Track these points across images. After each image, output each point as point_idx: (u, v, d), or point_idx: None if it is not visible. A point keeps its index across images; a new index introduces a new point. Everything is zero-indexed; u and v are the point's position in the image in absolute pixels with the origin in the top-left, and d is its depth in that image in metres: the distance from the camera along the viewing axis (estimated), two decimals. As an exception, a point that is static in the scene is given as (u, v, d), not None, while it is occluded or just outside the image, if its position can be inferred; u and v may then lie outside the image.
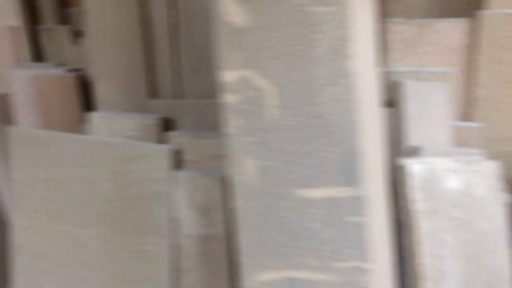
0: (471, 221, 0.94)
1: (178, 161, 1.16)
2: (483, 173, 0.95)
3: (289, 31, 0.73)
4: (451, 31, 1.14)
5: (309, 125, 0.73)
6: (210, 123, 1.35)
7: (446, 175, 0.94)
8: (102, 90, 1.52)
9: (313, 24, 0.71)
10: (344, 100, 0.71)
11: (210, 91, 1.42)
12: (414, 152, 1.03)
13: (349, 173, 0.72)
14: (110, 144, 1.20)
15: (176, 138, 1.25)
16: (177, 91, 1.48)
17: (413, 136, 1.06)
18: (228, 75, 0.78)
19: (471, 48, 1.13)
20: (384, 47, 1.18)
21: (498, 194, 0.96)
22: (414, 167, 0.94)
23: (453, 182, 0.94)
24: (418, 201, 0.93)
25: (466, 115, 1.15)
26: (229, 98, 0.78)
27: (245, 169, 0.77)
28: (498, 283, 0.94)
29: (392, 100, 1.11)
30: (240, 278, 0.78)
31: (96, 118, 1.42)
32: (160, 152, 1.14)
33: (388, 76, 1.14)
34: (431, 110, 1.09)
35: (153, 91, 1.49)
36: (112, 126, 1.41)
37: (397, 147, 1.08)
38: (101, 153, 1.20)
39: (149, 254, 1.12)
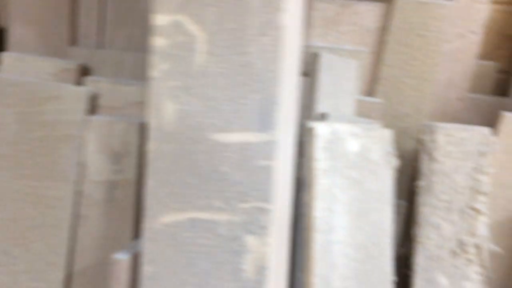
0: (363, 181, 1.06)
1: (93, 106, 1.15)
2: (379, 139, 1.07)
3: (224, -19, 0.76)
4: (368, 13, 1.25)
5: (234, 73, 0.78)
6: (130, 75, 1.34)
7: (348, 138, 1.04)
8: (17, 32, 1.44)
9: (246, -23, 0.76)
10: (270, 51, 0.77)
11: (133, 44, 1.40)
12: (322, 117, 1.13)
13: (264, 120, 0.78)
14: (20, 83, 1.15)
15: (94, 83, 1.23)
16: (100, 41, 1.44)
17: (323, 104, 1.15)
18: (161, 19, 0.80)
19: (384, 31, 1.25)
20: (308, 22, 1.26)
21: (390, 159, 1.08)
22: (320, 129, 1.03)
23: (352, 145, 1.05)
24: (320, 160, 1.03)
25: (371, 91, 1.28)
26: (158, 42, 0.80)
27: (163, 112, 0.80)
28: (380, 237, 1.07)
29: (309, 71, 1.19)
30: (143, 220, 0.81)
31: (7, 58, 1.34)
32: (76, 94, 1.12)
33: (309, 49, 1.22)
34: (341, 83, 1.19)
35: (74, 38, 1.44)
36: (26, 68, 1.35)
37: (309, 112, 1.17)
38: (10, 92, 1.15)
39: (51, 199, 1.10)
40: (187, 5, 0.78)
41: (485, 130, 1.13)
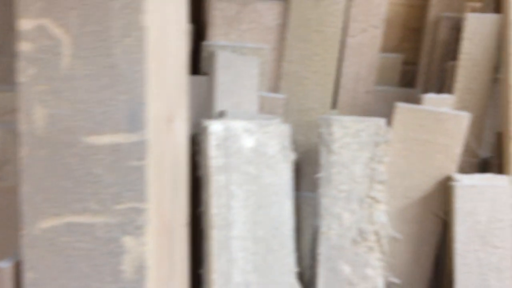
0: (261, 176, 1.08)
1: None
2: (275, 134, 1.10)
3: (86, -17, 0.76)
4: (268, 11, 1.27)
5: (101, 74, 0.78)
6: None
7: (242, 135, 1.06)
8: None
9: (107, -20, 0.76)
10: (135, 52, 0.77)
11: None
12: (220, 116, 1.14)
13: (133, 121, 0.78)
14: None
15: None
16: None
17: (223, 102, 1.17)
18: (25, 23, 0.79)
19: (283, 28, 1.27)
20: (209, 22, 1.27)
21: (287, 153, 1.11)
22: (213, 127, 1.04)
23: (247, 141, 1.07)
24: (214, 158, 1.04)
25: (275, 87, 1.30)
26: (24, 47, 0.79)
27: (34, 118, 0.79)
28: (280, 230, 1.09)
29: (208, 70, 1.21)
30: (21, 227, 0.80)
31: None
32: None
33: (210, 49, 1.23)
34: (242, 80, 1.21)
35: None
36: None
37: (209, 111, 1.18)
38: None
39: None
40: (50, 9, 0.77)
41: (380, 121, 1.17)
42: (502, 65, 1.21)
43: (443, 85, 1.36)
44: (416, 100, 1.30)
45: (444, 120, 1.18)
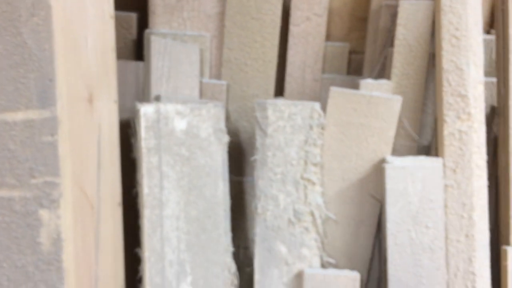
0: (193, 158, 1.11)
1: None
2: (207, 118, 1.12)
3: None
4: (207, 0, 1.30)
5: (11, 53, 0.81)
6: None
7: (174, 118, 1.09)
8: None
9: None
10: (42, 31, 0.80)
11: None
12: (156, 100, 1.17)
13: (44, 97, 0.81)
14: None
15: None
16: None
17: (161, 87, 1.20)
18: None
19: (223, 16, 1.30)
20: (151, 11, 1.30)
21: (220, 136, 1.13)
22: (145, 109, 1.07)
23: (179, 124, 1.10)
24: (146, 139, 1.07)
25: (218, 74, 1.33)
26: None
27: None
28: (214, 210, 1.12)
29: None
30: None
31: None
32: None
33: (149, 36, 1.26)
34: (181, 67, 1.24)
35: None
36: None
37: (147, 97, 1.21)
38: None
39: None
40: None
41: (315, 105, 1.20)
42: (436, 50, 1.24)
43: (384, 71, 1.39)
44: (357, 87, 1.33)
45: (376, 104, 1.20)
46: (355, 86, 1.36)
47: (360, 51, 1.53)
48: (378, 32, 1.42)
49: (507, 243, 1.23)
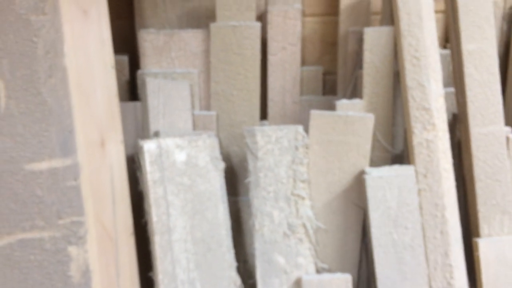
0: (194, 185, 1.23)
1: None
2: (205, 147, 1.25)
3: (14, 35, 0.90)
4: (192, 39, 1.43)
5: (33, 110, 0.92)
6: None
7: (174, 150, 1.21)
8: None
9: (33, 29, 0.90)
10: (59, 89, 0.91)
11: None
12: (155, 135, 1.29)
13: (65, 147, 0.92)
14: None
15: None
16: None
17: (158, 123, 1.31)
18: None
19: (208, 53, 1.43)
20: (141, 53, 1.42)
21: (216, 163, 1.26)
22: (148, 146, 1.19)
23: (179, 156, 1.21)
24: (151, 172, 1.18)
25: (207, 106, 1.45)
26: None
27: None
28: (217, 230, 1.24)
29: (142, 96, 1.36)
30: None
31: None
32: None
33: (143, 77, 1.38)
34: (174, 102, 1.36)
35: None
36: None
37: (146, 133, 1.32)
38: None
39: None
40: (-15, 59, 0.91)
41: (298, 128, 1.33)
42: (400, 70, 1.40)
43: (356, 91, 1.54)
44: (333, 107, 1.48)
45: (352, 122, 1.35)
46: (331, 106, 1.51)
47: (333, 72, 1.69)
48: (347, 56, 1.58)
49: (477, 236, 1.39)
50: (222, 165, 1.27)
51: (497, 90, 1.40)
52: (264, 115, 1.59)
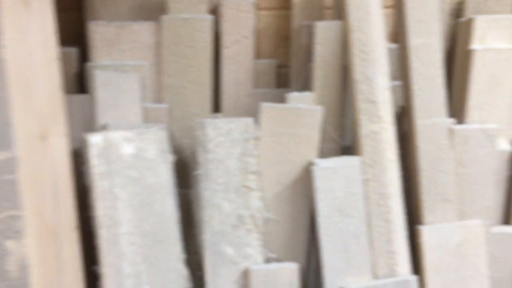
0: (142, 178, 1.23)
1: None
2: (154, 140, 1.25)
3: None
4: (144, 31, 1.43)
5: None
6: None
7: (121, 143, 1.21)
8: None
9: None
10: (-3, 82, 0.90)
11: None
12: (103, 128, 1.28)
13: (2, 140, 0.91)
14: None
15: None
16: None
17: (106, 116, 1.31)
18: None
19: (160, 45, 1.43)
20: (91, 45, 1.40)
21: (165, 156, 1.26)
22: (94, 138, 1.19)
23: (127, 149, 1.22)
24: (96, 166, 1.18)
25: (159, 98, 1.45)
26: None
27: None
28: (165, 223, 1.25)
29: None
30: None
31: None
32: None
33: (92, 69, 1.37)
34: (124, 95, 1.35)
35: None
36: None
37: (95, 126, 1.32)
38: None
39: None
40: None
41: (248, 120, 1.35)
42: (349, 64, 1.43)
43: (308, 84, 1.57)
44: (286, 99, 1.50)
45: (301, 115, 1.37)
46: (285, 99, 1.53)
47: (287, 66, 1.71)
48: (300, 49, 1.60)
49: (421, 224, 1.44)
50: (170, 158, 1.28)
51: (441, 84, 1.45)
52: (219, 108, 1.60)
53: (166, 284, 1.25)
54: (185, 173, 1.47)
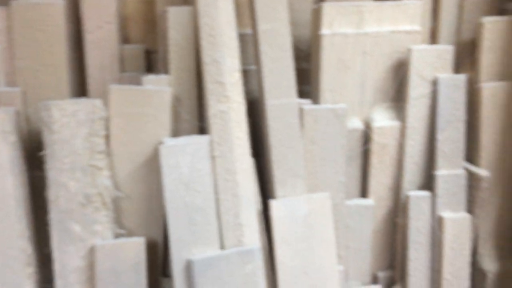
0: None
1: None
2: (-8, 122, 1.28)
3: None
4: (-6, 16, 1.45)
5: None
6: None
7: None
8: None
9: None
10: None
11: None
12: None
13: None
14: None
15: None
16: None
17: None
18: None
19: (11, 29, 1.45)
20: None
21: (7, 136, 1.29)
22: None
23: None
24: None
25: (12, 81, 1.48)
26: None
27: None
28: (5, 201, 1.27)
29: None
30: None
31: None
32: None
33: None
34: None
35: None
36: None
37: None
38: None
39: None
40: None
41: (96, 101, 1.39)
42: (199, 47, 1.49)
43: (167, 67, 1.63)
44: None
45: (149, 96, 1.43)
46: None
47: (156, 51, 1.76)
48: (164, 34, 1.65)
49: (273, 197, 1.53)
50: (13, 138, 1.31)
51: (289, 66, 1.53)
52: (86, 92, 1.64)
53: (9, 260, 1.28)
54: (40, 156, 1.50)
